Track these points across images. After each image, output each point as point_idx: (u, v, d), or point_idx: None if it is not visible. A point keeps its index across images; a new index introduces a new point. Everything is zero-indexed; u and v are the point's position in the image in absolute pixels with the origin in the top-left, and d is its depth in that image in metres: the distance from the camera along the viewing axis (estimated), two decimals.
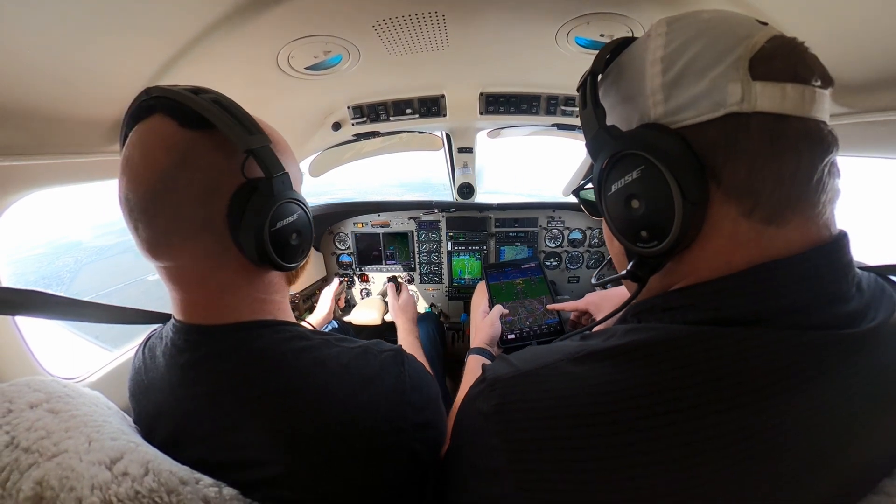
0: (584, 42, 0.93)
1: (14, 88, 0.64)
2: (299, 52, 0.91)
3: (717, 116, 0.36)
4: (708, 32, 0.38)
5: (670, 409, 0.33)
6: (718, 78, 0.35)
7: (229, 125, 0.46)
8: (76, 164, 0.84)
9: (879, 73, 0.66)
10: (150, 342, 0.59)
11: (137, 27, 0.67)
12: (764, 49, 0.35)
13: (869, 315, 0.38)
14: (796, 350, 0.34)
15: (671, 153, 0.37)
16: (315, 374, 0.49)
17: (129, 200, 0.47)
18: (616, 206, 0.43)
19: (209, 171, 0.48)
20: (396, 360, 0.55)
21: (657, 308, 0.42)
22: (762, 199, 0.36)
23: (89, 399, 0.56)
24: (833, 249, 0.37)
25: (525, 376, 0.41)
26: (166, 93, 0.47)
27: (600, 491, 0.35)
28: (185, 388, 0.51)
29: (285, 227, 0.52)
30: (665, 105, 0.39)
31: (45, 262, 11.99)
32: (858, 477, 0.38)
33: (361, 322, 1.78)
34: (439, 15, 0.83)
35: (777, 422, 0.33)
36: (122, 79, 0.74)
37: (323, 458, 0.47)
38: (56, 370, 0.87)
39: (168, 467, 0.45)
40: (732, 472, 0.33)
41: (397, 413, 0.51)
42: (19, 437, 0.43)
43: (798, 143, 0.35)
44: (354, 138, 1.56)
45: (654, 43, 0.40)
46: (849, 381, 0.35)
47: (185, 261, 0.50)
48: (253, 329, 0.52)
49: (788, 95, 0.34)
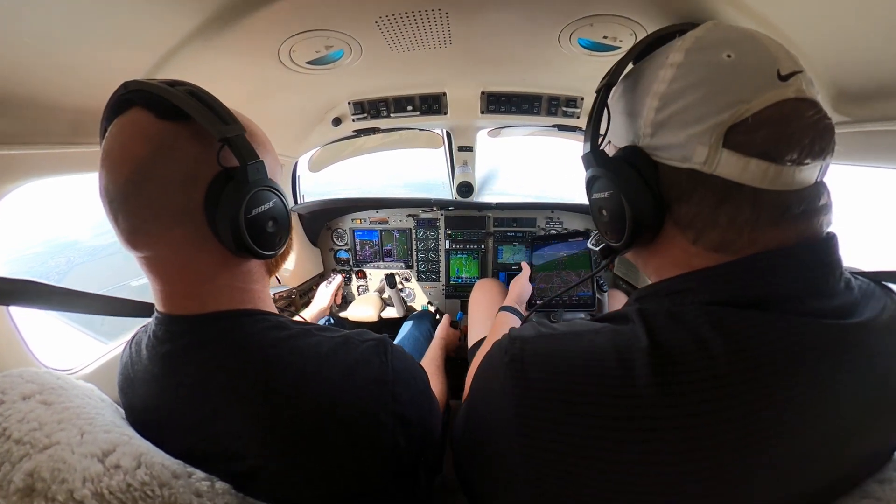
0: (587, 44, 0.93)
1: (11, 77, 0.64)
2: (301, 46, 0.90)
3: (682, 167, 0.41)
4: (711, 83, 0.40)
5: (681, 381, 0.36)
6: (694, 137, 0.40)
7: (204, 115, 0.47)
8: (73, 154, 0.83)
9: (878, 82, 0.66)
10: (137, 337, 0.59)
11: (139, 17, 0.66)
12: (750, 120, 0.38)
13: (856, 312, 0.40)
14: (788, 332, 0.37)
15: (635, 189, 0.45)
16: (292, 364, 0.49)
17: (108, 192, 0.47)
18: (594, 207, 0.55)
19: (186, 160, 0.48)
20: (379, 349, 0.55)
21: (660, 293, 0.45)
22: (703, 235, 0.42)
23: (82, 391, 0.55)
24: (816, 249, 0.40)
25: (548, 337, 0.45)
26: (143, 86, 0.48)
27: (605, 450, 0.37)
28: (167, 379, 0.51)
29: (261, 215, 0.52)
30: (651, 139, 0.44)
31: (38, 262, 11.88)
32: (841, 472, 0.40)
33: (358, 318, 1.78)
34: (443, 12, 0.82)
35: (770, 404, 0.36)
36: (121, 69, 0.74)
37: (301, 448, 0.47)
38: (50, 361, 0.87)
39: (160, 460, 0.44)
40: (731, 449, 0.35)
41: (378, 404, 0.51)
42: (11, 428, 0.43)
43: (743, 205, 0.39)
44: (354, 134, 1.56)
45: (664, 74, 0.43)
46: (833, 374, 0.37)
47: (164, 250, 0.50)
48: (232, 318, 0.52)
49: (750, 169, 0.38)
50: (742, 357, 0.36)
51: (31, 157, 0.77)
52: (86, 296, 0.69)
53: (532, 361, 0.43)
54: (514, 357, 0.44)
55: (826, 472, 0.40)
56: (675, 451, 0.36)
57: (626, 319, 0.43)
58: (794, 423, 0.36)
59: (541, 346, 0.44)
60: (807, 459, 0.38)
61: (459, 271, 1.93)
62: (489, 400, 0.48)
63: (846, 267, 0.42)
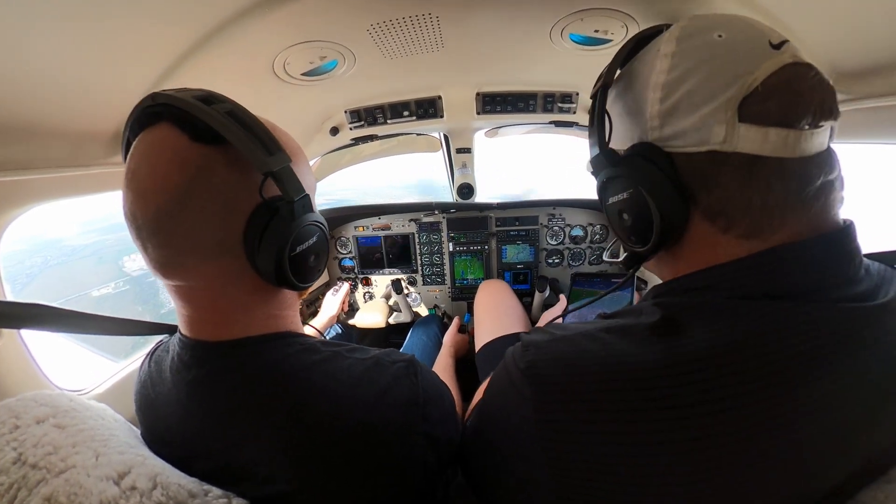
0: (579, 38, 0.93)
1: (13, 104, 0.65)
2: (295, 58, 0.91)
3: (701, 151, 0.40)
4: (710, 62, 0.39)
5: (702, 378, 0.35)
6: (708, 116, 0.39)
7: (247, 144, 0.43)
8: (77, 177, 0.84)
9: (876, 59, 0.65)
10: (157, 354, 0.58)
11: (133, 40, 0.67)
12: (760, 88, 0.37)
13: (880, 294, 0.39)
14: (812, 324, 0.36)
15: (655, 182, 0.43)
16: (326, 388, 0.48)
17: (136, 219, 0.44)
18: (612, 214, 0.51)
19: (224, 190, 0.45)
20: (409, 370, 0.54)
21: (677, 290, 0.44)
22: (735, 221, 0.40)
23: (96, 412, 0.55)
24: (836, 238, 0.39)
25: (560, 340, 0.44)
26: (175, 101, 0.43)
27: (622, 444, 0.37)
28: (192, 405, 0.50)
29: (305, 250, 0.50)
30: (660, 131, 0.43)
31: (15, 262, 11.01)
32: (867, 460, 0.39)
33: (365, 325, 1.78)
34: (433, 16, 0.83)
35: (798, 396, 0.35)
36: (119, 91, 0.74)
37: (334, 473, 0.46)
38: (62, 382, 0.88)
39: (176, 480, 0.44)
40: (752, 444, 0.35)
41: (411, 427, 0.50)
42: (27, 453, 0.43)
43: (770, 180, 0.38)
44: (353, 142, 1.56)
45: (660, 65, 0.42)
46: (854, 360, 0.36)
47: (198, 281, 0.48)
48: (261, 343, 0.51)
49: (770, 140, 0.37)
50: (765, 351, 0.35)
51: (36, 182, 0.78)
52: (97, 318, 0.69)
53: (548, 366, 0.42)
54: (530, 363, 0.43)
55: (850, 460, 0.39)
56: (697, 445, 0.35)
57: (640, 314, 0.43)
58: (820, 415, 0.35)
59: (556, 351, 0.43)
60: (830, 450, 0.37)
61: (464, 273, 1.93)
62: (507, 408, 0.46)
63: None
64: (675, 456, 0.35)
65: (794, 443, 0.35)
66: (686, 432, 0.35)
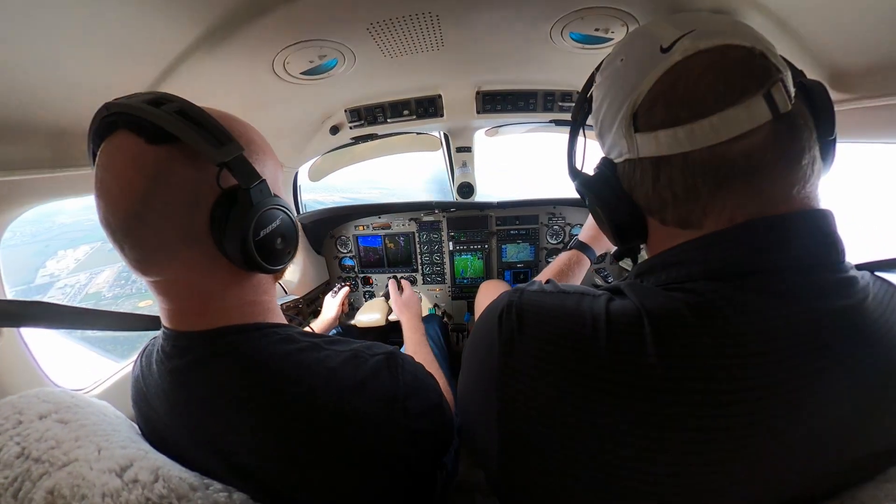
0: (580, 37, 0.93)
1: (14, 105, 0.65)
2: (295, 57, 0.91)
3: (622, 160, 0.47)
4: (612, 87, 0.47)
5: (675, 354, 0.37)
6: (615, 134, 0.46)
7: (197, 138, 0.45)
8: (78, 176, 0.84)
9: (877, 58, 0.66)
10: (147, 350, 0.59)
11: (135, 39, 0.67)
12: (644, 101, 0.42)
13: (860, 288, 0.39)
14: (796, 318, 0.37)
15: (599, 191, 0.51)
16: (301, 379, 0.49)
17: (109, 224, 0.47)
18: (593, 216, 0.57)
19: (184, 186, 0.47)
20: (390, 363, 0.54)
21: (656, 267, 0.47)
22: (664, 214, 0.45)
23: (97, 409, 0.56)
24: (804, 218, 0.39)
25: (550, 293, 0.48)
26: (126, 108, 0.45)
27: (575, 408, 0.38)
28: (177, 394, 0.51)
29: (269, 234, 0.52)
30: (604, 148, 0.51)
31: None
32: (847, 463, 0.39)
33: (366, 324, 1.78)
34: (433, 15, 0.83)
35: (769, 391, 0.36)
36: (121, 91, 0.74)
37: (315, 463, 0.47)
38: (63, 381, 0.88)
39: (178, 473, 0.45)
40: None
41: (390, 420, 0.51)
42: (30, 447, 0.44)
43: (674, 175, 0.41)
44: (353, 141, 1.57)
45: (595, 95, 0.51)
46: (847, 356, 0.37)
47: (174, 274, 0.50)
48: (240, 332, 0.52)
49: (661, 141, 0.41)
50: (713, 322, 0.37)
51: (37, 182, 0.78)
52: (95, 313, 0.70)
53: (526, 309, 0.45)
54: (512, 302, 0.47)
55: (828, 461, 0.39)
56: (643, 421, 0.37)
57: (618, 291, 0.46)
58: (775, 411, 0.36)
59: (536, 298, 0.47)
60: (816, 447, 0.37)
61: (464, 272, 1.93)
62: (484, 342, 0.48)
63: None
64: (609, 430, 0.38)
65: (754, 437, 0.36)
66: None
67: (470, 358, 0.52)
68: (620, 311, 0.40)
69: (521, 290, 0.49)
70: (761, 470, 0.36)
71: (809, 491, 0.39)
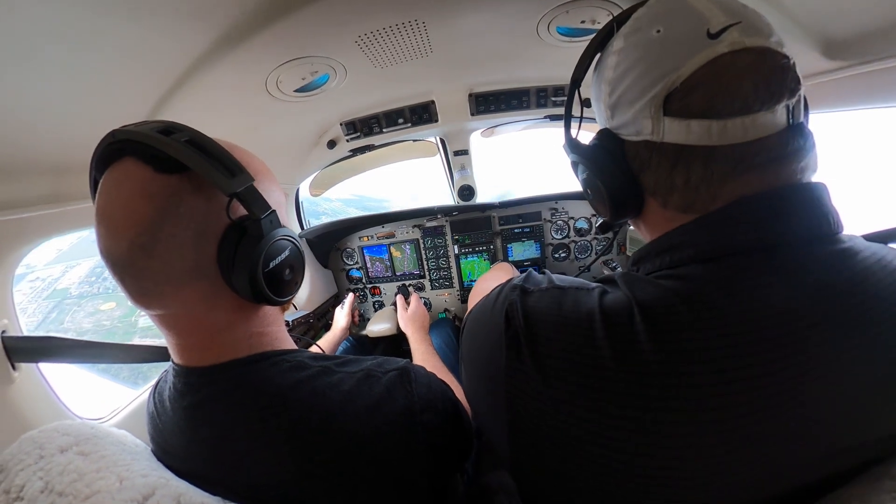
0: (567, 31, 0.93)
1: (19, 145, 0.66)
2: (287, 75, 0.92)
3: (638, 140, 0.45)
4: (644, 60, 0.43)
5: (676, 348, 0.37)
6: (639, 112, 0.43)
7: (208, 169, 0.43)
8: (84, 209, 0.86)
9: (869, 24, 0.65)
10: (159, 386, 0.59)
11: (129, 70, 0.69)
12: (683, 86, 0.40)
13: (858, 256, 0.39)
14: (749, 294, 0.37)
15: (604, 165, 0.49)
16: (315, 406, 0.48)
17: (111, 254, 0.45)
18: (583, 190, 0.57)
19: (193, 216, 0.46)
20: (403, 379, 0.54)
21: (651, 254, 0.47)
22: (668, 198, 0.45)
23: (117, 438, 0.56)
24: (793, 192, 0.40)
25: (556, 288, 0.47)
26: (135, 135, 0.44)
27: (583, 407, 0.38)
28: (192, 431, 0.50)
29: (279, 265, 0.51)
30: (612, 120, 0.48)
31: None
32: (848, 443, 0.38)
33: (377, 334, 1.78)
34: (419, 22, 0.84)
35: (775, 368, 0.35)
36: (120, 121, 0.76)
37: (336, 488, 0.47)
38: (82, 412, 0.89)
39: (200, 500, 0.45)
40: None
41: (408, 437, 0.50)
42: (53, 481, 0.44)
43: (695, 165, 0.41)
44: (351, 154, 1.58)
45: (611, 61, 0.47)
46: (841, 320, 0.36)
47: (178, 308, 0.48)
48: (248, 364, 0.51)
49: (693, 131, 0.40)
50: (704, 311, 0.37)
51: (46, 218, 0.79)
52: (108, 346, 0.70)
53: (530, 311, 0.45)
54: (514, 302, 0.46)
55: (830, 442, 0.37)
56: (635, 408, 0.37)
57: (611, 282, 0.46)
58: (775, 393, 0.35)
59: (536, 299, 0.46)
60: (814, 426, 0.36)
61: (472, 274, 1.93)
62: (489, 340, 0.48)
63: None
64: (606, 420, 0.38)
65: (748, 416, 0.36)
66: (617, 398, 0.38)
67: (474, 356, 0.51)
68: (612, 304, 0.41)
69: (520, 288, 0.48)
70: (766, 455, 0.36)
71: (816, 474, 0.38)
